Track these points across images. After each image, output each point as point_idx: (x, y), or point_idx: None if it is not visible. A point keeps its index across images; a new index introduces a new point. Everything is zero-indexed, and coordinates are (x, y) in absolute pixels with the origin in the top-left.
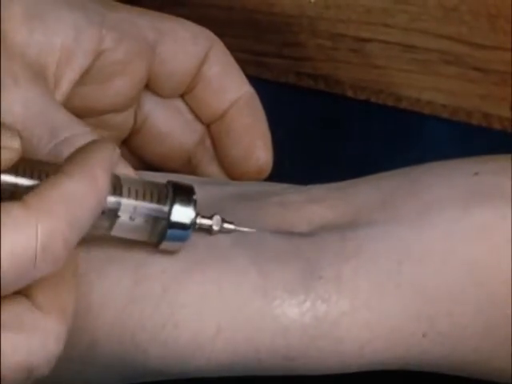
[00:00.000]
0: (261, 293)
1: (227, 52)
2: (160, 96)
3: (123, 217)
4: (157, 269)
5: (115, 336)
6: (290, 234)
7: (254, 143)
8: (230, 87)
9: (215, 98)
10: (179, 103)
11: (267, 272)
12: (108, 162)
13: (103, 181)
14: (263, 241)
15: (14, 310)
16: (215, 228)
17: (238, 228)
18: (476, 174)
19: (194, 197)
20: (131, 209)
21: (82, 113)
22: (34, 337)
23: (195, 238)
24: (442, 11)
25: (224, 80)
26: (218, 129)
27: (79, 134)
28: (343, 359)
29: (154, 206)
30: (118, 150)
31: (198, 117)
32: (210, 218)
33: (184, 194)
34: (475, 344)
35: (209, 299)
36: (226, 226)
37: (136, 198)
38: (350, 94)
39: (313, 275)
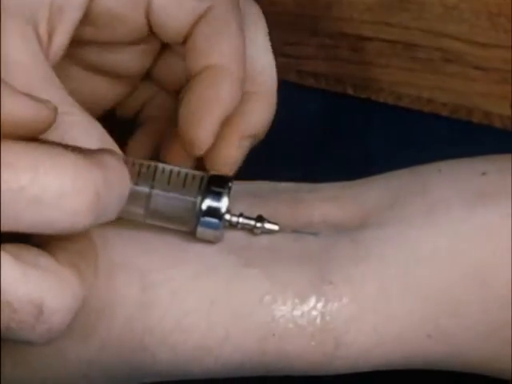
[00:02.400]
0: (270, 298)
1: (227, 18)
2: None
3: (156, 200)
4: (165, 276)
5: (124, 340)
6: (301, 235)
7: (197, 117)
8: (209, 52)
9: (193, 59)
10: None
11: (276, 277)
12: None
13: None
14: (274, 244)
15: (28, 251)
16: (258, 226)
17: (282, 229)
18: (484, 173)
19: (229, 185)
20: (164, 192)
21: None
22: (48, 275)
23: (203, 244)
24: (442, 10)
25: (207, 44)
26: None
27: (67, 112)
28: (349, 362)
29: (187, 190)
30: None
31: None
32: (254, 218)
33: (219, 182)
34: (479, 344)
35: (217, 305)
36: (269, 226)
37: (169, 180)
38: (350, 92)
39: (323, 280)
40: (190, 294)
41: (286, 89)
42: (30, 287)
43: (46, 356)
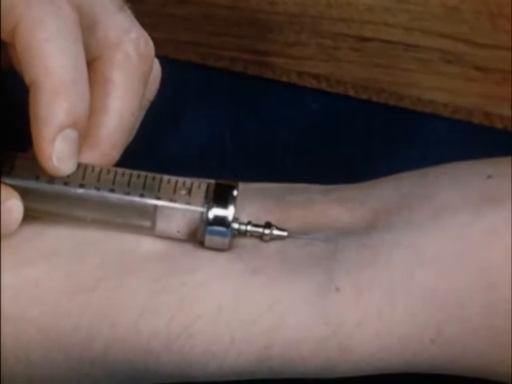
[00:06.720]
0: (276, 306)
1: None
2: None
3: (163, 211)
4: (175, 282)
5: (129, 342)
6: (311, 240)
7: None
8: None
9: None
10: None
11: (284, 284)
12: None
13: None
14: (283, 250)
15: None
16: (267, 233)
17: (291, 235)
18: (489, 176)
19: (235, 193)
20: (170, 203)
21: None
22: None
23: (213, 252)
24: (443, 10)
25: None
26: None
27: None
28: (353, 366)
29: (193, 200)
30: None
31: None
32: (263, 225)
33: (224, 191)
34: (482, 349)
35: (225, 312)
36: (278, 232)
37: (175, 191)
38: (351, 93)
39: (330, 286)
40: (198, 300)
41: (286, 90)
42: None
43: (49, 353)
